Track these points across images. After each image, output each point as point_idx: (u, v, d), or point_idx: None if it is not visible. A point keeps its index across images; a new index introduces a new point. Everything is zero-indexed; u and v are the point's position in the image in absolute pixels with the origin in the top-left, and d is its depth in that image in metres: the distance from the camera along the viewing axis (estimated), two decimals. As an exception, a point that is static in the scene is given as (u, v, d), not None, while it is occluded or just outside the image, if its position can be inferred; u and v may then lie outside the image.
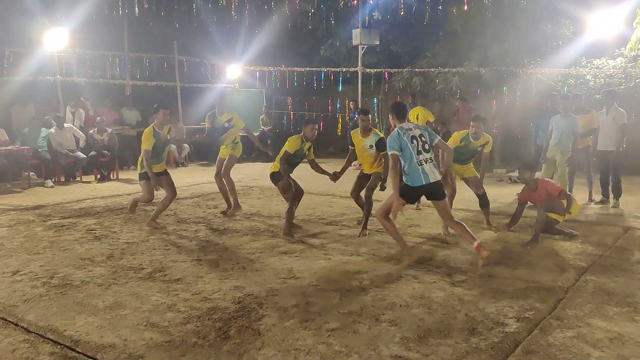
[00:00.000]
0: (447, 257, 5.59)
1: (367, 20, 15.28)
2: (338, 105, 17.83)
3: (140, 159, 6.97)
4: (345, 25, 16.02)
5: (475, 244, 5.15)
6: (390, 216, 5.40)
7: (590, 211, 8.13)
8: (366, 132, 6.76)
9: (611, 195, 8.48)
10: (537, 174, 8.48)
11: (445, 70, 13.87)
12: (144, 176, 6.92)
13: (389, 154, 5.25)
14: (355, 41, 14.76)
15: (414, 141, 5.17)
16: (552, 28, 12.92)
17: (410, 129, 5.25)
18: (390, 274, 5.00)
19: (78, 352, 3.43)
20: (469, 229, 5.32)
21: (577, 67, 12.77)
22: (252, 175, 11.95)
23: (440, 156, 6.58)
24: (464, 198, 8.10)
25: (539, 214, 6.16)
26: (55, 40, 12.29)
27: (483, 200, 6.87)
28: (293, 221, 6.72)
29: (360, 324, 3.83)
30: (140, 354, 3.38)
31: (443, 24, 14.45)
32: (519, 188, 9.54)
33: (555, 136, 8.10)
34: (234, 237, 6.53)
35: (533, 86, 13.06)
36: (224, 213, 7.80)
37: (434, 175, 5.19)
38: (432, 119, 11.72)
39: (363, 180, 6.95)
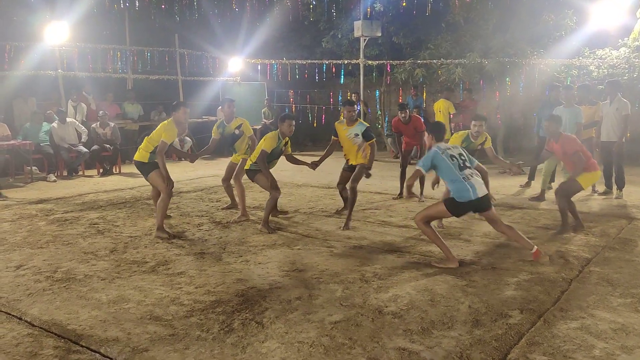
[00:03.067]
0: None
1: (369, 12, 15.19)
2: (340, 98, 17.79)
3: (143, 147, 6.40)
4: (347, 17, 15.94)
5: (534, 249, 5.08)
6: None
7: (593, 202, 8.11)
8: (351, 122, 6.86)
9: (614, 186, 8.45)
10: (540, 166, 8.48)
11: (448, 61, 13.80)
12: (151, 167, 6.33)
13: (417, 168, 5.14)
14: (357, 33, 14.69)
15: (454, 159, 5.05)
16: (554, 18, 12.85)
17: (449, 148, 5.16)
18: (394, 267, 5.00)
19: (82, 346, 3.44)
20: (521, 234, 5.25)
21: (581, 58, 12.71)
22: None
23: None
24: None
25: (559, 203, 6.22)
26: (57, 34, 12.25)
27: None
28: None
29: (364, 317, 3.83)
30: (144, 347, 3.39)
31: (445, 15, 14.37)
32: (521, 179, 9.56)
33: None
34: (236, 231, 6.53)
35: (536, 77, 13.00)
36: (226, 208, 7.76)
37: (482, 189, 5.02)
38: (452, 111, 11.77)
39: (348, 172, 7.04)
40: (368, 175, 6.81)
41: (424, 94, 15.65)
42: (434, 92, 15.84)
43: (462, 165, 5.04)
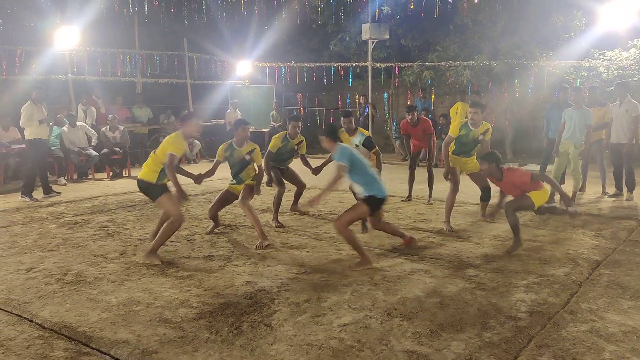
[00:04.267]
0: (459, 252, 5.57)
1: (376, 15, 15.18)
2: (348, 101, 17.79)
3: (149, 164, 5.51)
4: (354, 20, 15.95)
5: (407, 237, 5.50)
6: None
7: (603, 204, 8.06)
8: (351, 131, 6.83)
9: (625, 188, 8.40)
10: (549, 167, 8.44)
11: (456, 63, 13.77)
12: (160, 189, 5.50)
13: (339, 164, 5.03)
14: (365, 36, 14.70)
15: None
16: (563, 20, 12.78)
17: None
18: (403, 269, 5.00)
19: (92, 348, 3.46)
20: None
21: (590, 59, 12.63)
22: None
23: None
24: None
25: (509, 219, 5.55)
26: (67, 39, 12.35)
27: (485, 194, 6.81)
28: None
29: (372, 319, 3.83)
30: (153, 350, 3.41)
31: (453, 17, 14.33)
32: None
33: (567, 129, 8.02)
34: (245, 233, 6.54)
35: (545, 79, 12.94)
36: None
37: None
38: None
39: None
40: None
41: (432, 97, 15.61)
42: (442, 95, 15.80)
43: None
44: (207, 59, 16.18)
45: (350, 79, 16.91)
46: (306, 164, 7.32)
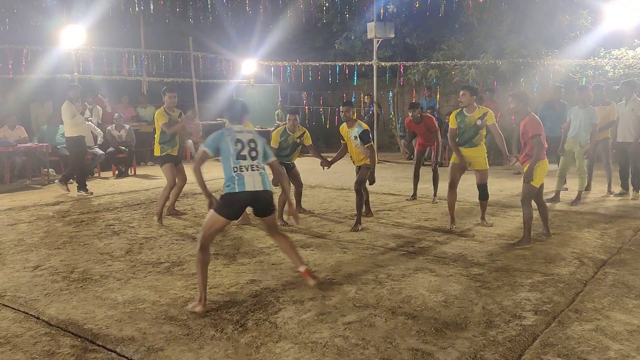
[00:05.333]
0: (464, 251, 5.57)
1: (382, 13, 15.17)
2: (353, 99, 17.78)
3: (156, 142, 7.15)
4: (359, 19, 15.95)
5: (302, 268, 4.55)
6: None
7: (609, 203, 8.04)
8: (350, 123, 6.79)
9: (631, 187, 8.37)
10: (554, 167, 8.41)
11: (461, 62, 13.75)
12: (163, 160, 7.11)
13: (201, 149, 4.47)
14: (370, 34, 14.68)
15: (238, 145, 4.35)
16: (569, 18, 12.76)
17: (241, 132, 4.41)
18: (407, 268, 5.00)
19: (98, 345, 3.48)
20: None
21: (596, 58, 12.60)
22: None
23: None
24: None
25: (524, 211, 5.72)
26: (73, 38, 12.41)
27: (482, 192, 6.66)
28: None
29: (377, 317, 3.84)
30: (159, 347, 3.43)
31: (458, 16, 14.32)
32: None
33: (573, 128, 8.01)
34: (250, 232, 6.56)
35: (550, 78, 12.90)
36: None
37: (257, 184, 4.30)
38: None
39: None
40: (371, 182, 6.70)
41: (438, 95, 15.59)
42: (448, 93, 15.78)
43: (243, 155, 4.32)
44: (213, 58, 16.22)
45: (355, 78, 16.92)
46: (316, 153, 7.34)
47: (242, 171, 4.26)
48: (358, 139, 6.67)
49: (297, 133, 7.09)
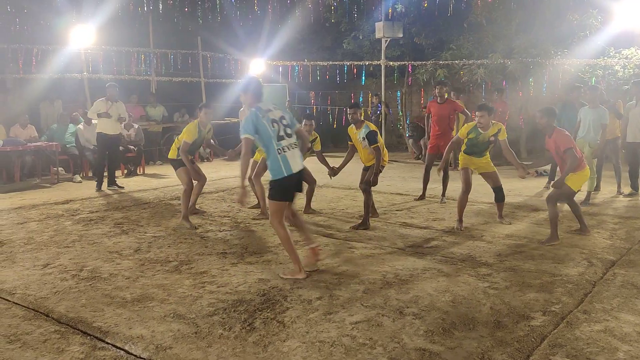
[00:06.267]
0: (472, 251, 5.55)
1: (390, 13, 15.16)
2: (361, 99, 17.77)
3: (174, 146, 7.03)
4: (368, 19, 15.94)
5: (314, 245, 4.81)
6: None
7: (619, 204, 7.99)
8: (358, 124, 6.79)
9: (640, 188, 8.32)
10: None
11: (470, 62, 13.71)
12: (179, 163, 6.94)
13: (243, 136, 4.58)
14: (379, 34, 14.68)
15: (275, 125, 4.57)
16: (579, 18, 12.68)
17: (270, 111, 4.65)
18: (415, 267, 4.99)
19: (107, 343, 3.51)
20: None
21: (606, 58, 12.52)
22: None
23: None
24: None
25: (549, 210, 5.85)
26: (82, 37, 12.47)
27: (498, 194, 6.75)
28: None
29: (385, 317, 3.84)
30: (167, 345, 3.44)
31: (467, 15, 14.26)
32: (544, 181, 9.47)
33: (582, 128, 7.97)
34: (258, 231, 6.58)
35: (560, 77, 12.84)
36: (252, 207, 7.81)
37: (298, 164, 4.64)
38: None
39: (366, 172, 7.05)
40: (373, 184, 6.70)
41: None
42: (457, 93, 15.70)
43: (282, 135, 4.53)
44: (221, 57, 16.25)
45: (363, 78, 16.90)
46: (323, 161, 7.29)
47: (285, 151, 4.51)
48: (366, 140, 6.69)
49: (310, 137, 7.08)
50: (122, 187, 9.85)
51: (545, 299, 4.14)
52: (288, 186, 4.57)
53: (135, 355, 3.33)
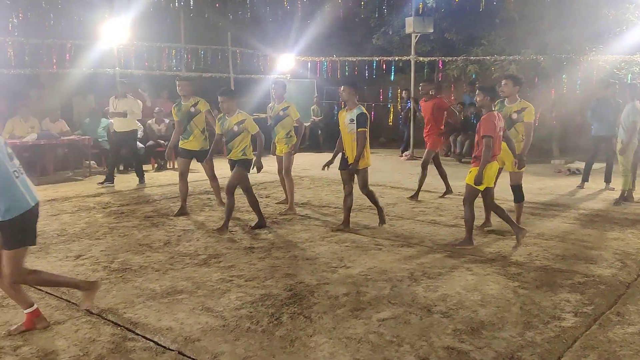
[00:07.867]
0: (502, 250, 5.48)
1: (420, 8, 14.99)
2: (390, 95, 17.66)
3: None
4: (398, 14, 15.80)
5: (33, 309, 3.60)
6: None
7: (654, 204, 7.79)
8: (351, 105, 6.18)
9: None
10: (597, 166, 8.17)
11: (502, 58, 13.49)
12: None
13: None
14: (409, 29, 14.54)
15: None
16: (615, 13, 12.35)
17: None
18: (443, 265, 4.95)
19: (137, 334, 3.56)
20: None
21: (642, 54, 12.19)
22: (303, 165, 12.00)
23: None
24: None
25: (465, 212, 5.60)
26: (115, 33, 12.64)
27: (517, 194, 6.24)
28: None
29: (412, 315, 3.81)
30: (196, 337, 3.48)
31: (499, 10, 14.03)
32: (577, 179, 9.29)
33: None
34: (285, 226, 6.60)
35: (594, 74, 12.53)
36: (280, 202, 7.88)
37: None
38: None
39: (344, 171, 6.34)
40: (352, 170, 6.21)
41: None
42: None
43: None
44: (250, 53, 16.30)
45: (393, 73, 16.77)
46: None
47: None
48: (354, 121, 6.07)
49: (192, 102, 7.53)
50: (113, 186, 9.54)
51: (576, 300, 4.07)
52: None
53: (164, 347, 3.38)
